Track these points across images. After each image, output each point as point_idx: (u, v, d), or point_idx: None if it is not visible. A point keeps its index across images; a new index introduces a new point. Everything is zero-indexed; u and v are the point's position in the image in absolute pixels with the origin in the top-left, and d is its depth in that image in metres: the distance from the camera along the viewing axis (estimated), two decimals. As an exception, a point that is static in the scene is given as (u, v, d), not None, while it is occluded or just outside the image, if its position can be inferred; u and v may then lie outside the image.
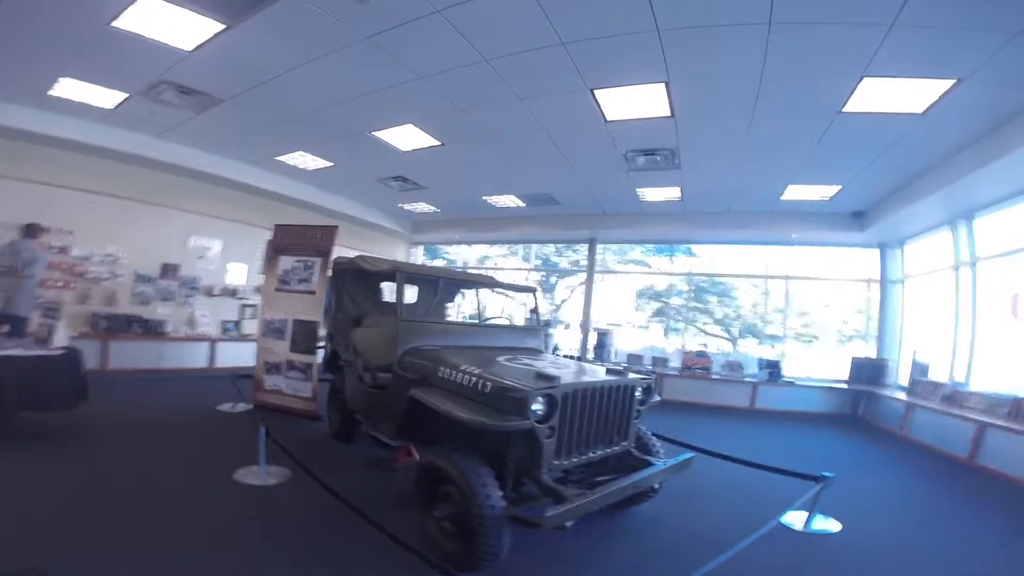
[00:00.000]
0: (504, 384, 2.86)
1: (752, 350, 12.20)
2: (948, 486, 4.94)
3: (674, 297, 13.10)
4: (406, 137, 6.72)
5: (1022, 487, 4.84)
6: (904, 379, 8.23)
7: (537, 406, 2.74)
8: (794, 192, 7.88)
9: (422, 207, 10.46)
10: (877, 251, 9.41)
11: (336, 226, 6.35)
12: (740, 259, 11.00)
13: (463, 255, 13.35)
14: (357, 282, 5.57)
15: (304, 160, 7.93)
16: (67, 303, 7.24)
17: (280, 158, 7.89)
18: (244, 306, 9.31)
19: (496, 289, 5.34)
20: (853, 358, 9.09)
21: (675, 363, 9.72)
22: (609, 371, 3.49)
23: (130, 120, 6.74)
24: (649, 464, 3.32)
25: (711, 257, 11.14)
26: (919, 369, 7.74)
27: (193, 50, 4.80)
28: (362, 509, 2.85)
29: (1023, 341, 6.22)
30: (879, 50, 4.15)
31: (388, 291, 6.39)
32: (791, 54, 4.32)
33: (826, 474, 3.62)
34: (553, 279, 13.75)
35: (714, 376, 9.18)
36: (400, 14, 4.09)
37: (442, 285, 4.93)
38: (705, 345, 11.33)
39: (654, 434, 3.80)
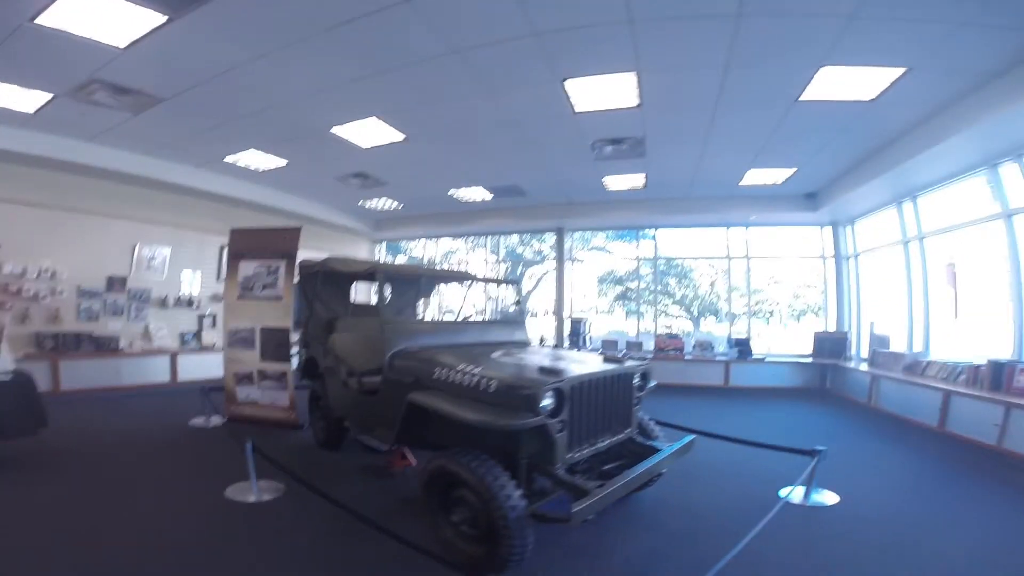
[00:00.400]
0: (510, 382, 2.84)
1: (713, 329, 12.77)
2: (926, 454, 5.17)
3: (636, 281, 13.45)
4: (367, 132, 6.47)
5: (991, 451, 5.14)
6: (865, 351, 8.72)
7: (547, 401, 2.73)
8: (752, 176, 8.17)
9: (384, 204, 10.19)
10: (830, 229, 9.94)
11: (299, 228, 6.07)
12: (700, 242, 11.41)
13: (428, 250, 13.13)
14: (327, 285, 5.40)
15: (256, 159, 7.52)
16: (5, 324, 6.66)
17: (230, 159, 7.45)
18: (201, 316, 8.82)
19: (476, 283, 5.27)
20: (815, 333, 9.54)
21: (648, 346, 9.97)
22: (606, 359, 3.54)
23: (56, 123, 6.17)
24: (655, 449, 3.37)
25: (672, 241, 11.43)
26: (878, 341, 8.18)
27: (127, 47, 4.40)
28: (370, 518, 2.76)
29: (962, 308, 6.75)
30: (839, 40, 4.32)
31: (357, 292, 6.22)
32: (756, 44, 4.42)
33: (819, 448, 3.75)
34: (519, 269, 13.78)
35: (687, 357, 9.48)
36: (362, 5, 3.89)
37: (423, 283, 4.82)
38: (668, 327, 11.70)
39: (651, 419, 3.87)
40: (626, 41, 4.41)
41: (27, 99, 5.53)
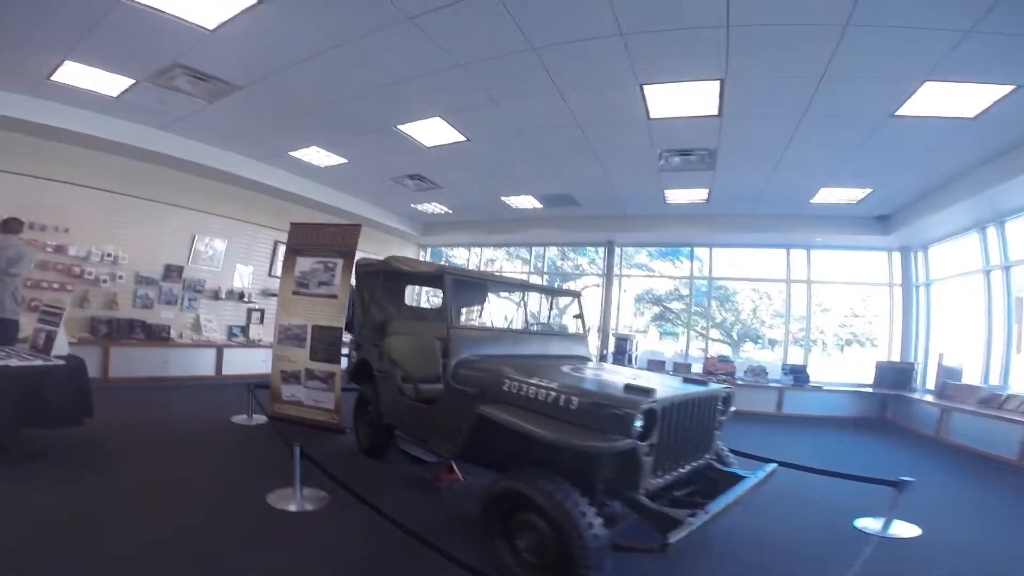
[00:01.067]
0: (597, 399, 2.62)
1: (752, 354, 12.22)
2: (1006, 487, 4.97)
3: (675, 302, 13.00)
4: (431, 131, 6.40)
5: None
6: (931, 383, 8.17)
7: (639, 422, 2.49)
8: (824, 195, 7.74)
9: (434, 208, 10.14)
10: (899, 254, 9.38)
11: (359, 225, 6.02)
12: (751, 263, 10.92)
13: (466, 258, 13.02)
14: (384, 285, 5.27)
15: (317, 156, 7.56)
16: (66, 307, 6.80)
17: (293, 154, 7.51)
18: (250, 310, 8.89)
19: (538, 293, 5.08)
20: (877, 362, 9.04)
21: (695, 369, 9.56)
22: (686, 380, 3.32)
23: (134, 110, 6.31)
24: (732, 476, 3.13)
25: (722, 261, 10.97)
26: (947, 372, 7.67)
27: (215, 28, 4.38)
28: (425, 536, 2.54)
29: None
30: (949, 55, 3.98)
31: (412, 295, 6.11)
32: (858, 56, 4.13)
33: (906, 479, 3.45)
34: (556, 283, 13.51)
35: (739, 381, 9.03)
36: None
37: (481, 289, 4.64)
38: (703, 349, 11.21)
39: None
40: (717, 47, 4.18)
41: (112, 83, 5.65)
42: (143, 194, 7.58)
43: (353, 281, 5.64)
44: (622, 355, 9.78)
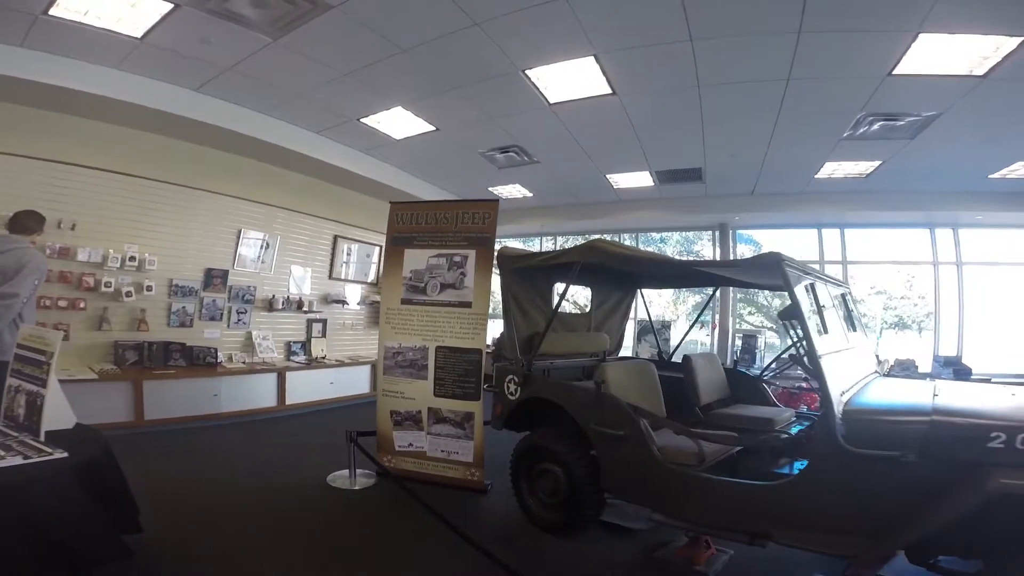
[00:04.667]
0: None
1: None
2: None
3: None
4: (569, 79, 4.63)
5: None
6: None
7: None
8: (1007, 171, 6.27)
9: (512, 191, 8.39)
10: None
11: (496, 200, 4.31)
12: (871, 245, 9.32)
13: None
14: (542, 284, 4.15)
15: (398, 122, 5.78)
16: (73, 330, 5.09)
17: (367, 120, 5.75)
18: (311, 321, 7.16)
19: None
20: None
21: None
22: None
23: (165, 59, 4.54)
24: None
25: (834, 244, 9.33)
26: None
27: None
28: None
29: None
30: None
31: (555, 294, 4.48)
32: None
33: None
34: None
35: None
36: None
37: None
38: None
39: None
40: None
41: (137, 14, 3.91)
42: (174, 178, 5.83)
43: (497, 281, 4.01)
44: (749, 354, 8.17)
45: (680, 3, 3.37)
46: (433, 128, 5.84)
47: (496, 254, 4.08)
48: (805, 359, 3.25)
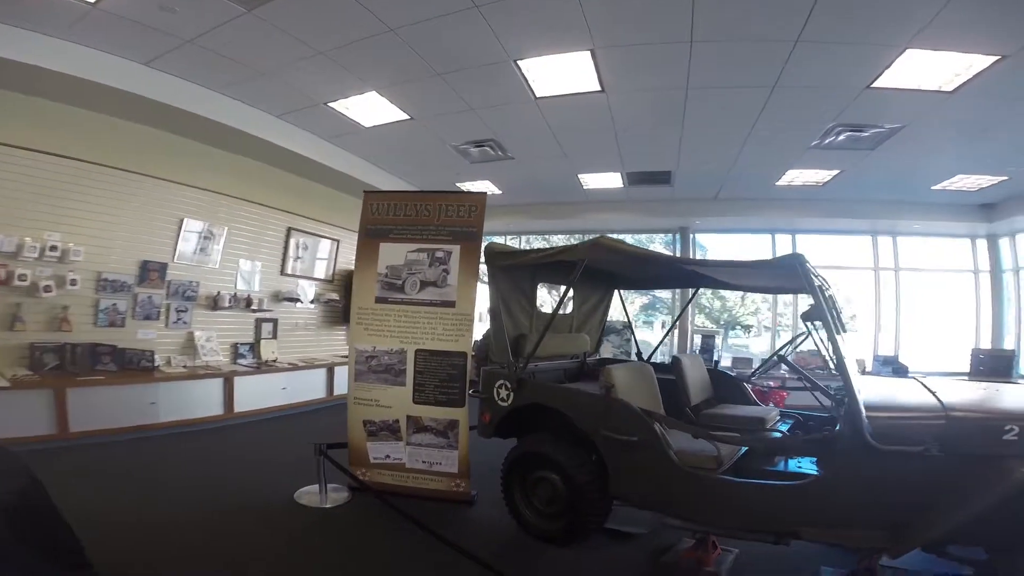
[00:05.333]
0: None
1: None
2: None
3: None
4: (559, 72, 4.45)
5: None
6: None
7: None
8: (948, 183, 6.82)
9: (481, 187, 8.12)
10: (985, 242, 8.66)
11: (484, 193, 4.06)
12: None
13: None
14: (524, 283, 3.98)
15: (370, 108, 5.37)
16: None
17: (335, 104, 5.30)
18: (261, 321, 6.56)
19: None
20: (973, 350, 8.12)
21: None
22: None
23: (118, 27, 3.97)
24: None
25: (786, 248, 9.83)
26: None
27: None
28: None
29: None
30: None
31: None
32: None
33: None
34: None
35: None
36: None
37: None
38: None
39: None
40: None
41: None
42: (108, 160, 5.13)
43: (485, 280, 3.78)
44: (709, 354, 8.38)
45: (691, 2, 3.29)
46: (407, 117, 5.48)
47: (484, 250, 3.85)
48: (791, 359, 3.47)
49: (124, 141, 5.23)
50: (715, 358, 8.33)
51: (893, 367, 8.04)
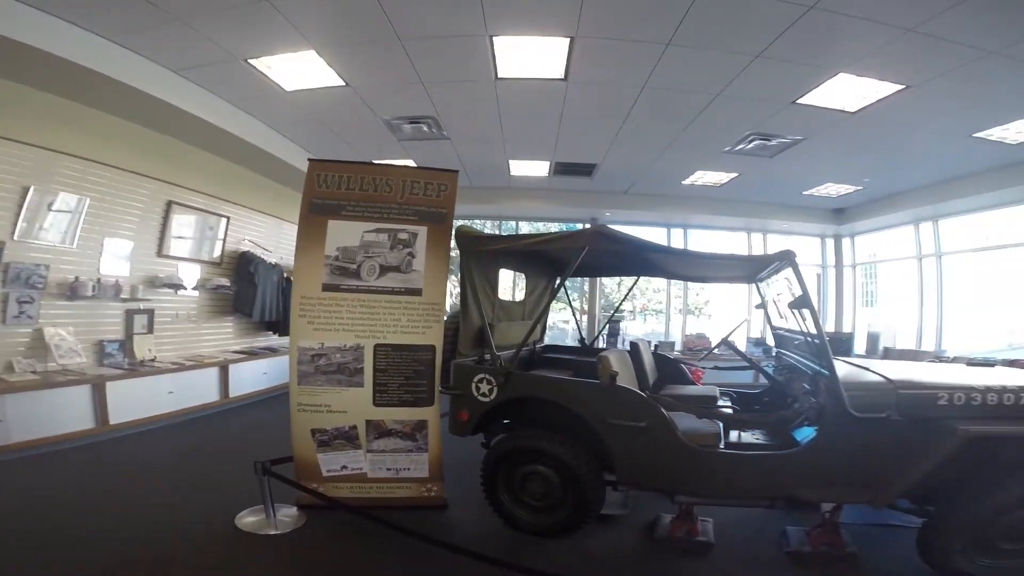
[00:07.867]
0: None
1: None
2: None
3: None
4: (528, 56, 4.23)
5: None
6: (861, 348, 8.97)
7: None
8: (816, 189, 8.00)
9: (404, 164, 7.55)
10: (832, 241, 10.43)
11: (456, 172, 3.71)
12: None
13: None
14: (490, 271, 3.85)
15: (297, 70, 4.56)
16: None
17: (256, 61, 4.41)
18: (132, 313, 5.32)
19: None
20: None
21: (677, 346, 9.18)
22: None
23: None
24: None
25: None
26: (873, 339, 8.41)
27: None
28: None
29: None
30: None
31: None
32: None
33: None
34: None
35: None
36: None
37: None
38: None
39: None
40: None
41: None
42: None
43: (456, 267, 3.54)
44: (615, 338, 8.90)
45: (685, 8, 3.32)
46: (342, 83, 4.77)
47: (456, 234, 3.55)
48: (734, 343, 3.99)
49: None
50: (620, 342, 8.91)
51: (763, 348, 9.32)
